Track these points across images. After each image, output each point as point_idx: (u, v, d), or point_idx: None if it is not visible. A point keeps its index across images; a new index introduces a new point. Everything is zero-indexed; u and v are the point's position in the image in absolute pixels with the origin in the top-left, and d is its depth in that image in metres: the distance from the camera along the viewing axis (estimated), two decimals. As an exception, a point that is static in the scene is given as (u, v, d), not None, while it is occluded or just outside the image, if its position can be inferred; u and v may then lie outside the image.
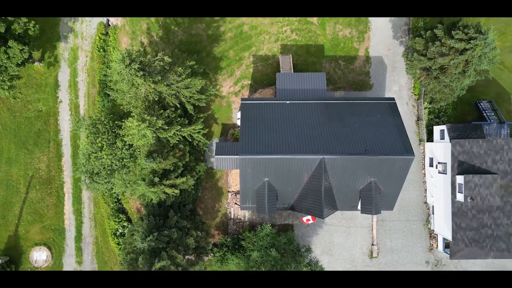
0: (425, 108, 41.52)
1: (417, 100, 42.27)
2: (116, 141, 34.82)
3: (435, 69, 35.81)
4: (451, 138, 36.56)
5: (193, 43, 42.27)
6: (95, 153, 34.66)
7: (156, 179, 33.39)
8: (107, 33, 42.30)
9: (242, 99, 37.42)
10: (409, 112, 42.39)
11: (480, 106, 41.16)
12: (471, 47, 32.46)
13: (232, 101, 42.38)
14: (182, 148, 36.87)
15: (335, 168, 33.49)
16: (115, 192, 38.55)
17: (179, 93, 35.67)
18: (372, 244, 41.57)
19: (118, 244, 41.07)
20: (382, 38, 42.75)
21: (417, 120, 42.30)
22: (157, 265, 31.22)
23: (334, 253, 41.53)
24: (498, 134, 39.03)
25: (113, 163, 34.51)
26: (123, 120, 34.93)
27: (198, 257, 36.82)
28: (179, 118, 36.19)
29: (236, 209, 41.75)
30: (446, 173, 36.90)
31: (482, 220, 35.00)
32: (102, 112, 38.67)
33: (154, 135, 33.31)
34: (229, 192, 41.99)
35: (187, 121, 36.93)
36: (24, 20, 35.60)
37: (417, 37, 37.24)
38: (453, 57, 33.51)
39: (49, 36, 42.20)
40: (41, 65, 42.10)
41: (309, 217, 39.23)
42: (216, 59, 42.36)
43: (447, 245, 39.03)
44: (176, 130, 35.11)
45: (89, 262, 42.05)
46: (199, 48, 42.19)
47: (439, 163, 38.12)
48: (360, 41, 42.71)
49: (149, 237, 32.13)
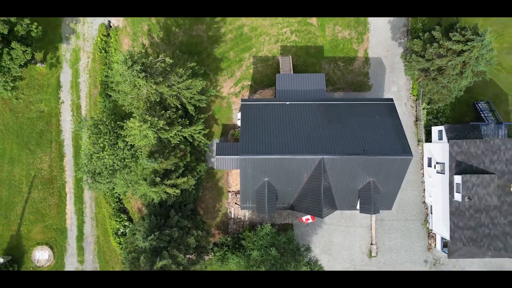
0: (424, 109, 41.85)
1: (416, 101, 42.62)
2: (118, 142, 35.14)
3: (433, 70, 36.17)
4: (449, 139, 36.86)
5: (194, 44, 42.62)
6: (97, 153, 34.99)
7: (158, 179, 33.70)
8: (109, 35, 42.64)
9: (242, 100, 37.74)
10: (408, 113, 42.75)
11: (478, 107, 41.45)
12: (468, 49, 32.83)
13: (233, 102, 42.73)
14: (183, 149, 37.19)
15: (334, 168, 33.83)
16: (117, 192, 38.88)
17: (180, 94, 36.00)
18: (371, 244, 41.91)
19: (120, 244, 41.36)
20: (381, 40, 43.09)
21: (416, 121, 42.64)
22: (159, 264, 31.50)
23: (334, 252, 41.87)
24: (496, 135, 39.32)
25: (115, 163, 34.85)
26: (125, 121, 35.24)
27: (199, 256, 37.09)
28: (180, 119, 36.51)
29: (236, 209, 42.09)
30: (444, 173, 37.25)
31: (480, 220, 35.35)
32: (104, 113, 38.92)
33: (156, 136, 33.65)
34: (230, 192, 42.32)
35: (188, 122, 37.28)
36: (27, 22, 35.71)
37: (415, 39, 37.57)
38: (451, 59, 33.86)
39: (51, 38, 42.57)
40: (43, 66, 42.43)
41: (309, 217, 39.49)
42: (217, 60, 42.71)
43: (445, 245, 39.35)
44: (177, 131, 35.44)
45: (91, 262, 42.38)
46: (200, 49, 42.54)
47: (437, 163, 38.47)
48: (359, 42, 43.06)
49: (151, 236, 32.45)
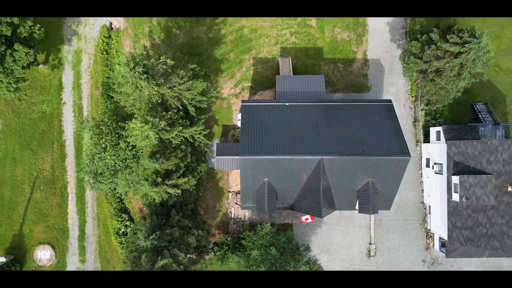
0: (422, 110, 42.22)
1: (414, 102, 43.00)
2: (119, 142, 35.49)
3: (431, 72, 36.54)
4: (447, 139, 37.13)
5: (194, 46, 43.02)
6: (99, 154, 35.30)
7: (159, 179, 34.06)
8: (110, 36, 43.03)
9: (243, 101, 38.08)
10: (406, 114, 43.15)
11: (476, 108, 41.82)
12: (466, 51, 33.17)
13: (233, 103, 43.10)
14: (184, 149, 37.55)
15: (334, 169, 34.20)
16: (118, 192, 39.23)
17: (181, 95, 36.37)
18: (370, 243, 42.26)
19: (121, 243, 41.69)
20: (380, 41, 43.49)
21: (414, 122, 43.03)
22: (160, 263, 31.82)
23: (333, 252, 42.24)
24: (493, 136, 39.70)
25: (117, 164, 35.19)
26: (126, 122, 35.62)
27: (199, 256, 37.46)
28: (181, 120, 36.87)
29: (237, 209, 42.45)
30: (442, 174, 37.61)
31: (477, 220, 35.71)
32: (106, 114, 39.23)
33: (157, 136, 34.04)
34: (230, 192, 42.68)
35: (189, 123, 37.65)
36: (30, 24, 36.03)
37: (414, 41, 37.93)
38: (448, 60, 34.23)
39: (53, 39, 42.97)
40: (46, 68, 42.81)
41: (308, 217, 39.89)
42: (217, 62, 43.10)
43: (443, 244, 39.68)
44: (178, 131, 35.80)
45: (92, 261, 42.75)
46: (200, 51, 42.94)
47: (435, 164, 38.83)
48: (358, 44, 43.46)
49: (152, 236, 32.81)
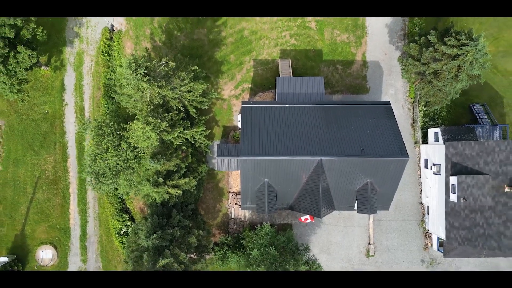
0: (420, 111, 42.64)
1: (413, 103, 43.38)
2: (121, 143, 35.88)
3: (429, 74, 36.93)
4: (445, 140, 37.55)
5: (195, 48, 43.45)
6: (101, 155, 35.73)
7: (160, 180, 34.45)
8: (112, 38, 43.47)
9: (243, 102, 38.45)
10: (405, 115, 43.55)
11: (474, 109, 42.18)
12: (463, 53, 33.57)
13: (233, 104, 43.51)
14: (185, 150, 37.95)
15: (332, 169, 34.59)
16: (120, 193, 39.61)
17: (182, 97, 36.77)
18: (369, 243, 42.61)
19: (122, 243, 42.09)
20: (379, 43, 43.92)
21: (413, 123, 43.41)
22: (161, 262, 32.15)
23: (332, 252, 42.61)
24: (491, 136, 40.11)
25: (118, 164, 35.61)
26: (128, 123, 36.00)
27: (200, 256, 37.83)
28: (182, 121, 37.27)
29: (237, 209, 42.82)
30: (440, 174, 37.98)
31: (475, 220, 36.08)
32: (107, 115, 39.65)
33: (158, 137, 34.43)
34: (230, 193, 43.05)
35: (190, 124, 38.06)
36: (33, 26, 36.54)
37: (412, 43, 38.33)
38: (446, 63, 34.63)
39: (56, 41, 43.41)
40: (48, 69, 43.26)
41: (307, 217, 40.17)
42: (218, 63, 43.54)
43: (441, 244, 40.01)
44: (179, 132, 36.19)
45: (94, 261, 43.13)
46: (201, 53, 43.37)
47: (434, 165, 39.22)
48: (357, 46, 43.88)
49: (153, 235, 33.17)
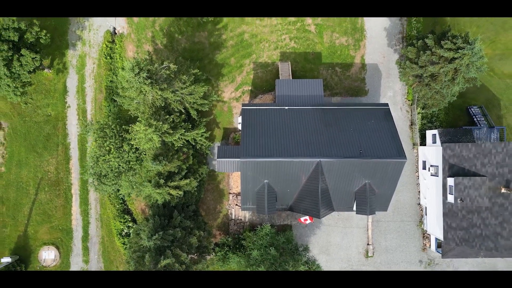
0: (418, 113, 43.11)
1: (411, 106, 43.89)
2: (123, 145, 36.32)
3: (426, 77, 37.40)
4: (443, 142, 38.02)
5: (196, 51, 44.00)
6: (103, 156, 36.16)
7: (162, 181, 34.92)
8: (114, 41, 44.00)
9: (243, 105, 38.92)
10: (403, 117, 44.04)
11: (471, 112, 42.67)
12: (459, 56, 34.09)
13: (233, 106, 44.01)
14: (186, 151, 38.42)
15: (332, 171, 35.05)
16: (121, 194, 40.02)
17: (184, 99, 37.29)
18: (368, 244, 43.03)
19: (124, 244, 42.50)
20: (377, 46, 44.46)
21: (411, 125, 43.91)
22: (163, 263, 32.53)
23: (331, 253, 43.03)
24: (488, 138, 40.57)
25: (120, 166, 36.05)
26: (130, 125, 36.51)
27: (201, 256, 38.22)
28: (183, 123, 37.81)
29: (237, 210, 43.26)
30: (438, 176, 38.45)
31: (472, 221, 36.53)
32: (109, 117, 40.10)
33: (160, 139, 34.91)
34: (230, 194, 43.49)
35: (191, 126, 38.59)
36: (36, 29, 37.09)
37: (410, 46, 38.84)
38: (443, 66, 35.12)
39: (58, 44, 43.95)
40: (50, 72, 43.76)
41: (307, 217, 40.67)
42: (218, 66, 44.07)
43: (439, 245, 40.46)
44: (181, 134, 36.72)
45: (96, 261, 43.55)
46: (202, 56, 43.91)
47: (431, 166, 39.68)
48: (356, 49, 44.41)
49: (155, 236, 33.56)
